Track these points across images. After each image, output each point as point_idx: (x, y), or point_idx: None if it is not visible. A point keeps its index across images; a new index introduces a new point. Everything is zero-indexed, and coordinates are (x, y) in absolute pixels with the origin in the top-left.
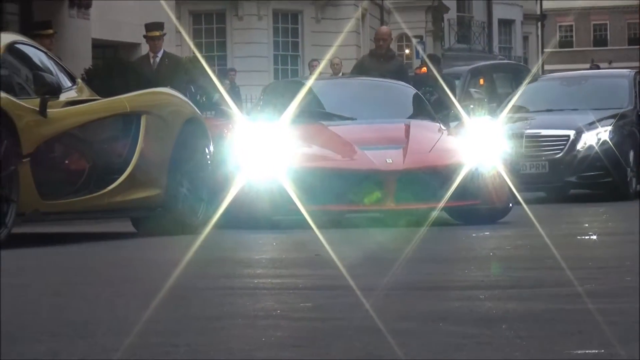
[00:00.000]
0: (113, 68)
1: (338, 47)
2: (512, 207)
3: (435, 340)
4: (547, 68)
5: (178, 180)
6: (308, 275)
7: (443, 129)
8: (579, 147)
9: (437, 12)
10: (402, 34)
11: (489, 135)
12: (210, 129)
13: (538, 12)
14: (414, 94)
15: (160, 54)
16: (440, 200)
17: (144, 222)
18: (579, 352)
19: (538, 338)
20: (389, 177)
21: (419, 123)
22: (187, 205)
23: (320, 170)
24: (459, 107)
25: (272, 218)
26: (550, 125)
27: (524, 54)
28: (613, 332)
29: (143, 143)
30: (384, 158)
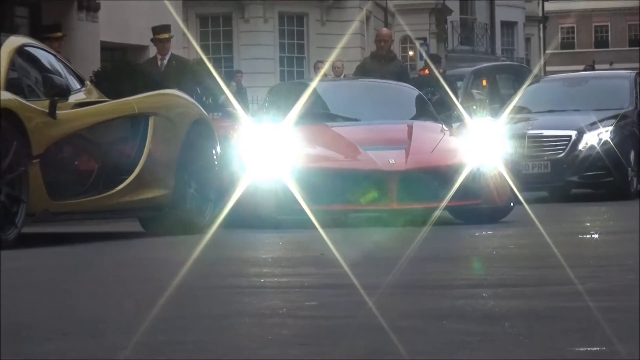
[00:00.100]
0: (121, 70)
1: (342, 49)
2: (513, 206)
3: (439, 338)
4: (548, 69)
5: (185, 181)
6: (313, 274)
7: (445, 130)
8: (581, 147)
9: (440, 14)
10: (405, 36)
11: (491, 136)
12: (216, 130)
13: (540, 14)
14: (417, 96)
15: (168, 56)
16: (443, 200)
17: (152, 222)
18: (580, 349)
19: (540, 336)
20: (392, 177)
21: (422, 124)
22: (194, 206)
23: (324, 171)
24: (461, 108)
25: (276, 218)
26: (552, 126)
27: (526, 56)
28: (614, 330)
29: (151, 144)
30: (387, 158)
